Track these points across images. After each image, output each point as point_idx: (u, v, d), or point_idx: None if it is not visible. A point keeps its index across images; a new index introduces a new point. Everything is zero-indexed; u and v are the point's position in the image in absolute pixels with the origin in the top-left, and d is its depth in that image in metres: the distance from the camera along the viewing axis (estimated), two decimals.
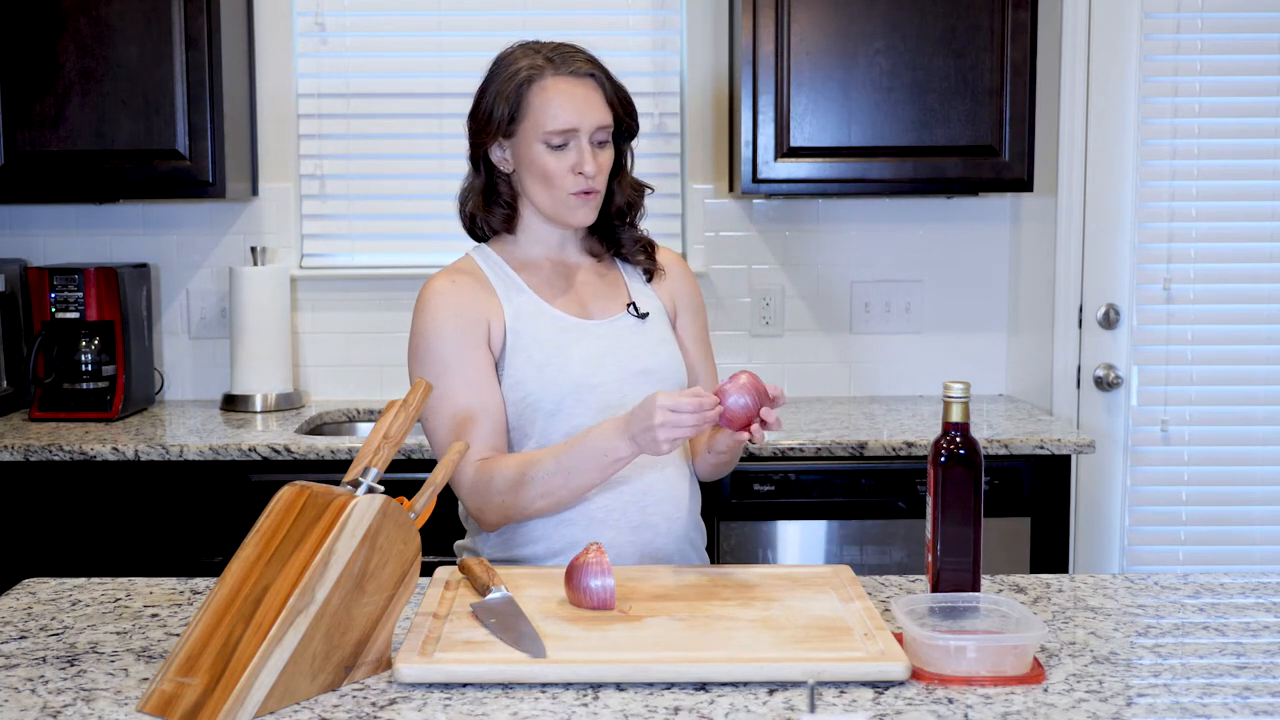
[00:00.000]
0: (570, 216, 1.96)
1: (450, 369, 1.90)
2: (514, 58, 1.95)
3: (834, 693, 1.40)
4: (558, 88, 1.92)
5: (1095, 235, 3.43)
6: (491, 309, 1.95)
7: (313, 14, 3.47)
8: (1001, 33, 3.09)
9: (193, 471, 2.88)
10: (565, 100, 1.91)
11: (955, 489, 1.61)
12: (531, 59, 1.93)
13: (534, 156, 1.93)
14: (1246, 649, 1.55)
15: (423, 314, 1.94)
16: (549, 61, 1.93)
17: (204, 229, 3.48)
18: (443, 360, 1.91)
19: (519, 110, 1.92)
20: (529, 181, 1.95)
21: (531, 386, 1.92)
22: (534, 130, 1.92)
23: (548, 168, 1.92)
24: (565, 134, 1.91)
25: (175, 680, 1.35)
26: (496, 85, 1.94)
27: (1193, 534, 3.47)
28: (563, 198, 1.94)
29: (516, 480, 1.84)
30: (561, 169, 1.92)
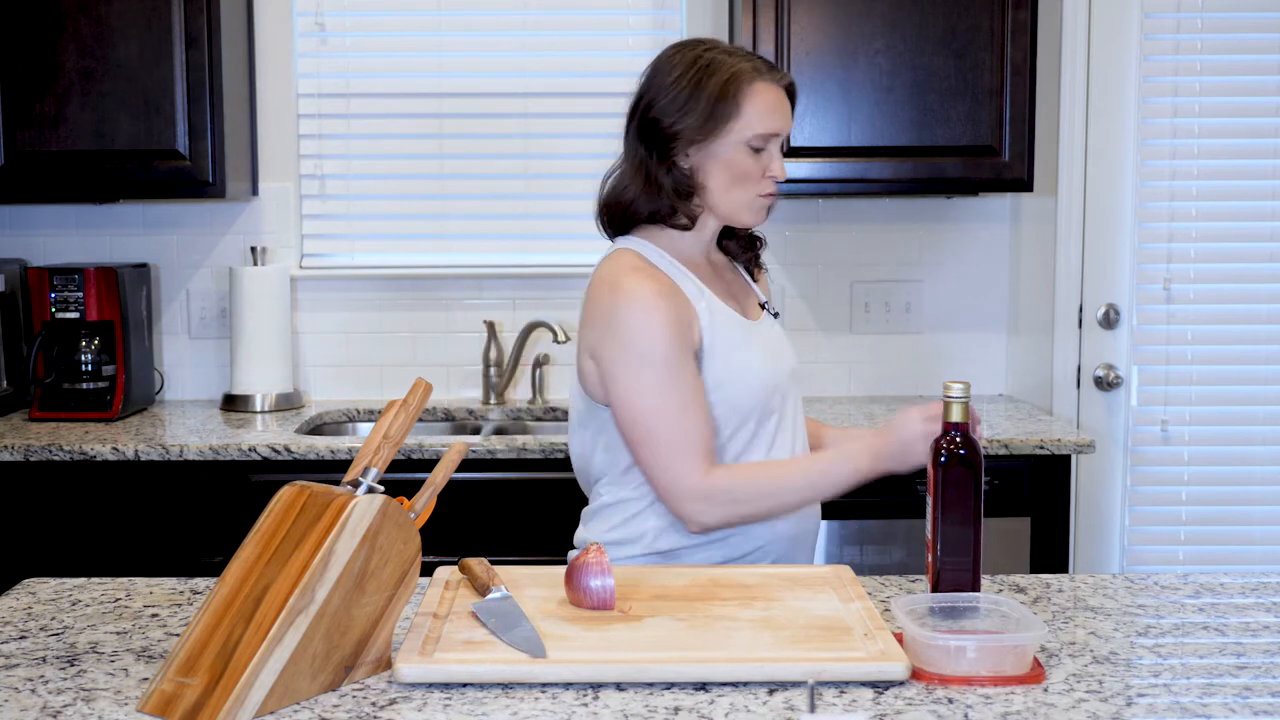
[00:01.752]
0: (753, 217, 1.98)
1: (680, 371, 1.88)
2: (714, 59, 1.93)
3: (834, 693, 1.40)
4: (771, 92, 1.94)
5: (1095, 235, 3.43)
6: (689, 308, 1.93)
7: (313, 14, 3.47)
8: (1001, 33, 3.09)
9: (193, 471, 2.88)
10: (776, 104, 1.94)
11: (955, 489, 1.61)
12: (737, 61, 1.93)
13: (734, 157, 1.92)
14: (1246, 649, 1.55)
15: (646, 316, 1.87)
16: (753, 65, 1.94)
17: (204, 229, 3.48)
18: (666, 366, 1.87)
19: (731, 110, 1.91)
20: (716, 179, 1.94)
21: (730, 390, 1.93)
22: (743, 130, 1.91)
23: (747, 169, 1.93)
24: (770, 138, 1.93)
25: (175, 680, 1.35)
26: (706, 85, 1.91)
27: (1193, 534, 3.47)
28: (751, 199, 1.95)
29: (761, 494, 1.89)
30: (757, 171, 1.94)
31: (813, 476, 1.91)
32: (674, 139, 1.93)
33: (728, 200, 1.95)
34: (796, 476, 1.91)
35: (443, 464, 1.55)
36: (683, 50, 1.97)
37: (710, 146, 1.93)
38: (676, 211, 1.95)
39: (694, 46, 1.97)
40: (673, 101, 1.92)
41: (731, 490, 1.88)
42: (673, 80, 1.93)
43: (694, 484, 1.87)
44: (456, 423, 3.38)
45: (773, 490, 1.90)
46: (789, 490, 1.91)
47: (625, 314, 1.88)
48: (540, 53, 3.49)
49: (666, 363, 1.87)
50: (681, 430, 1.87)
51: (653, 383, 1.87)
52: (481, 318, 3.47)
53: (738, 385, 1.93)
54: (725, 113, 1.91)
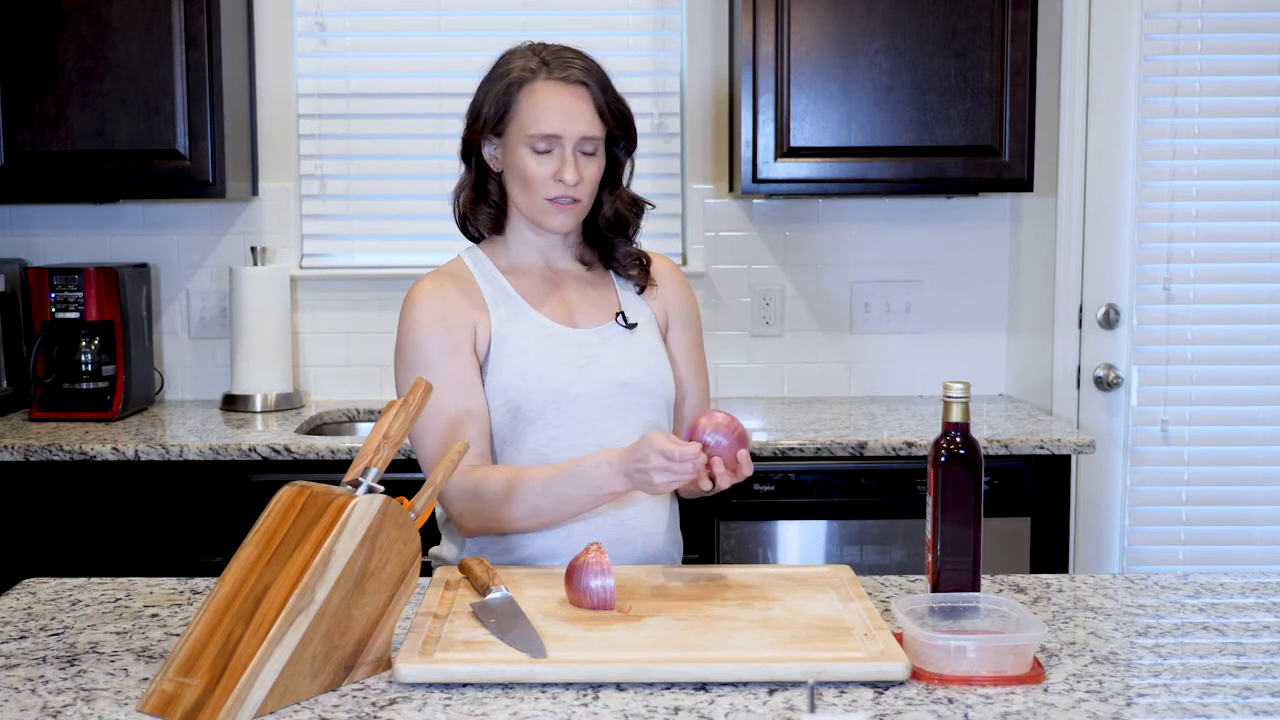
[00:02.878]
0: (547, 221, 1.95)
1: (436, 372, 1.88)
2: (510, 57, 1.96)
3: (834, 693, 1.40)
4: (546, 92, 1.91)
5: (1095, 235, 3.43)
6: (478, 313, 1.94)
7: (313, 14, 3.47)
8: (1001, 33, 3.09)
9: (193, 471, 2.88)
10: (552, 105, 1.91)
11: (955, 489, 1.61)
12: (527, 60, 1.94)
13: (518, 159, 1.93)
14: (1246, 649, 1.55)
15: (408, 316, 1.94)
16: (544, 65, 1.92)
17: (204, 229, 3.48)
18: (428, 363, 1.90)
19: (508, 110, 1.93)
20: (512, 183, 1.96)
21: (513, 393, 1.91)
22: (519, 132, 1.92)
23: (529, 171, 1.92)
24: (548, 139, 1.91)
25: (175, 680, 1.35)
26: (490, 83, 1.96)
27: (1193, 534, 3.47)
28: (539, 202, 1.93)
29: (505, 495, 1.83)
30: (543, 174, 1.92)
31: (552, 481, 1.81)
32: (469, 143, 1.99)
33: (523, 205, 1.96)
34: (541, 486, 1.81)
35: (443, 464, 1.55)
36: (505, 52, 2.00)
37: (502, 148, 1.96)
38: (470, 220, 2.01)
39: (513, 48, 1.99)
40: (471, 105, 1.98)
41: (479, 492, 1.83)
42: (478, 85, 1.99)
43: (452, 484, 1.85)
44: None
45: (518, 496, 1.82)
46: (534, 497, 1.81)
47: (401, 315, 1.96)
48: None
49: (428, 360, 1.90)
50: (434, 430, 1.88)
51: (408, 379, 1.91)
52: None
53: (517, 390, 1.90)
54: (503, 114, 1.93)
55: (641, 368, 1.97)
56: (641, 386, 1.96)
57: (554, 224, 1.95)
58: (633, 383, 1.96)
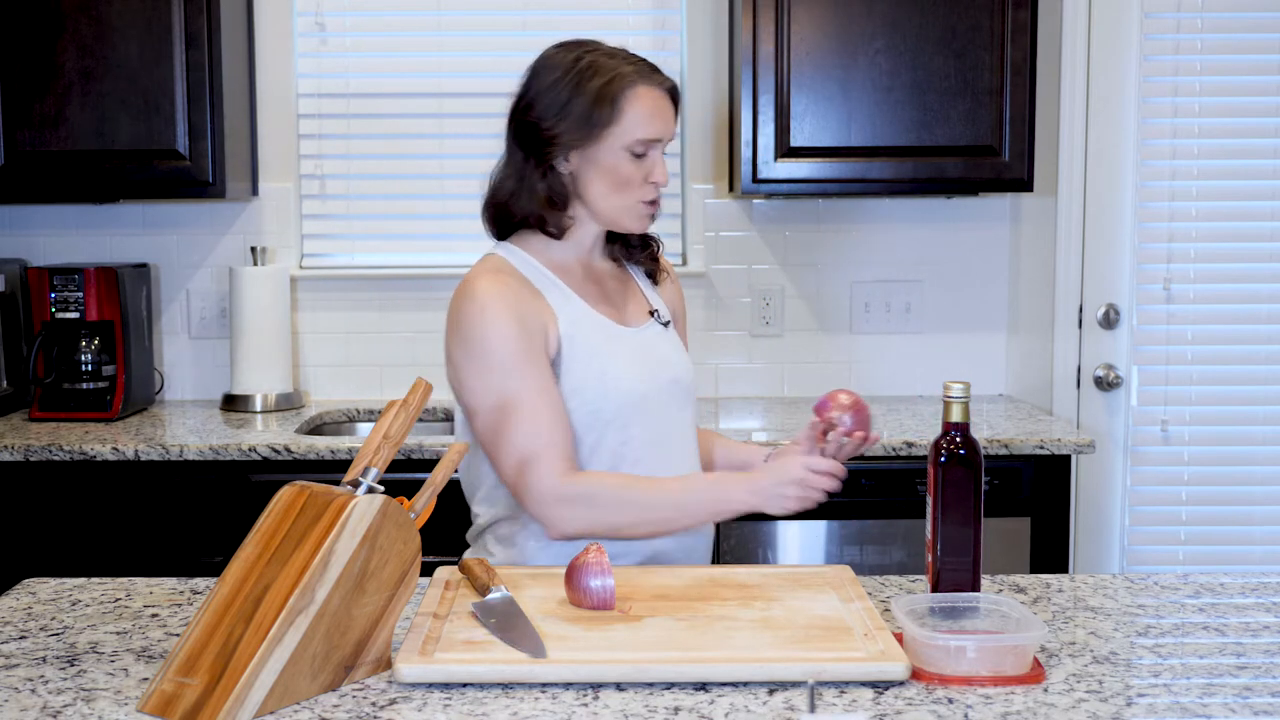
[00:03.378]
0: (635, 223, 1.95)
1: (517, 368, 1.84)
2: (594, 62, 1.90)
3: (834, 693, 1.40)
4: (651, 96, 1.90)
5: (1095, 235, 3.43)
6: (546, 313, 1.90)
7: (313, 14, 3.47)
8: (1001, 33, 3.09)
9: (193, 471, 2.88)
10: (656, 109, 1.90)
11: (955, 489, 1.61)
12: (618, 65, 1.90)
13: (615, 162, 1.89)
14: (1246, 649, 1.55)
15: (481, 315, 1.85)
16: (636, 70, 1.90)
17: (204, 229, 3.48)
18: (510, 368, 1.84)
19: (613, 115, 1.88)
20: (598, 185, 1.91)
21: (591, 395, 1.89)
22: (622, 136, 1.88)
23: (628, 174, 1.90)
24: (650, 143, 1.90)
25: (175, 680, 1.35)
26: (585, 88, 1.88)
27: (1193, 534, 3.47)
28: (632, 204, 1.92)
29: (624, 503, 1.83)
30: (638, 177, 1.91)
31: (680, 498, 1.84)
32: (552, 143, 1.90)
33: (609, 206, 1.93)
34: (662, 495, 1.85)
35: (443, 464, 1.55)
36: (564, 50, 1.94)
37: (590, 151, 1.90)
38: (545, 220, 1.93)
39: (575, 47, 1.94)
40: (551, 104, 1.89)
41: (592, 496, 1.83)
42: (551, 83, 1.90)
43: (550, 486, 1.83)
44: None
45: (635, 503, 1.84)
46: (652, 508, 1.84)
47: (468, 317, 1.87)
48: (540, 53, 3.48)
49: (512, 364, 1.84)
50: (534, 431, 1.83)
51: (498, 385, 1.84)
52: None
53: (595, 391, 1.89)
54: (605, 117, 1.88)
55: (682, 364, 2.02)
56: (684, 382, 2.00)
57: (641, 225, 1.96)
58: (679, 379, 1.99)
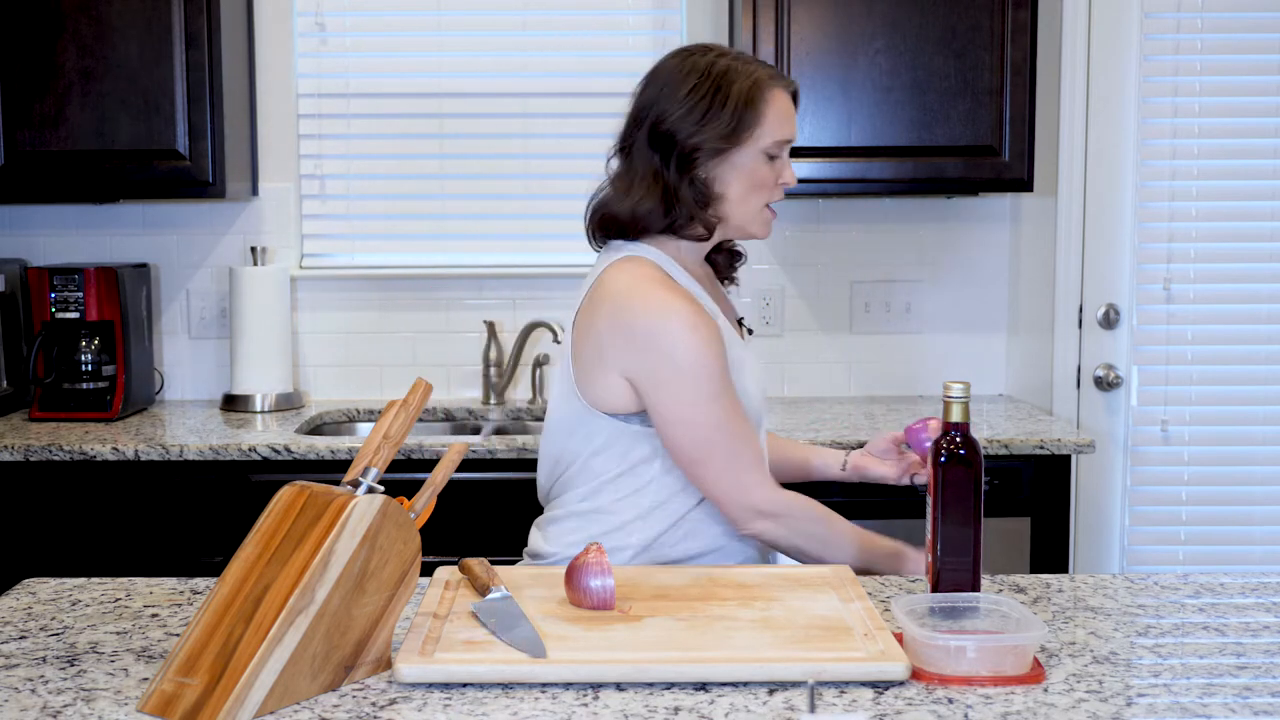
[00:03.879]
0: (761, 229, 1.96)
1: (729, 387, 1.88)
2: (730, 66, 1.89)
3: (834, 693, 1.40)
4: (784, 98, 1.91)
5: (1095, 235, 3.43)
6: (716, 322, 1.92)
7: (313, 14, 3.47)
8: (1001, 33, 3.09)
9: (193, 471, 2.88)
10: (789, 110, 1.92)
11: (955, 489, 1.61)
12: (752, 67, 1.90)
13: (753, 166, 1.90)
14: (1246, 649, 1.55)
15: (689, 333, 1.83)
16: (767, 71, 1.91)
17: (204, 229, 3.48)
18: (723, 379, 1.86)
19: (754, 117, 1.88)
20: (734, 188, 1.91)
21: (751, 403, 1.93)
22: (763, 139, 1.89)
23: (764, 177, 1.91)
24: (784, 144, 1.92)
25: (175, 680, 1.35)
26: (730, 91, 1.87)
27: (1193, 534, 3.47)
28: (758, 209, 1.93)
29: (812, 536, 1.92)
30: (771, 179, 1.92)
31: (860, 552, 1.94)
32: (696, 150, 1.88)
33: (742, 211, 1.92)
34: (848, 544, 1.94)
35: (443, 464, 1.55)
36: (691, 57, 1.92)
37: (732, 157, 1.89)
38: (695, 221, 1.91)
39: (703, 53, 1.92)
40: (690, 112, 1.88)
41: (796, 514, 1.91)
42: (688, 91, 1.88)
43: (765, 496, 1.89)
44: (456, 423, 3.38)
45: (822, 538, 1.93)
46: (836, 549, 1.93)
47: (672, 335, 1.84)
48: (540, 53, 3.49)
49: (718, 378, 1.86)
50: (744, 444, 1.88)
51: (711, 399, 1.85)
52: (481, 318, 3.47)
53: (752, 399, 1.94)
54: (749, 121, 1.88)
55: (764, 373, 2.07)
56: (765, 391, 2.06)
57: (766, 231, 1.97)
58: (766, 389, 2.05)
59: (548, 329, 3.37)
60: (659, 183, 1.90)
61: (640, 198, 1.91)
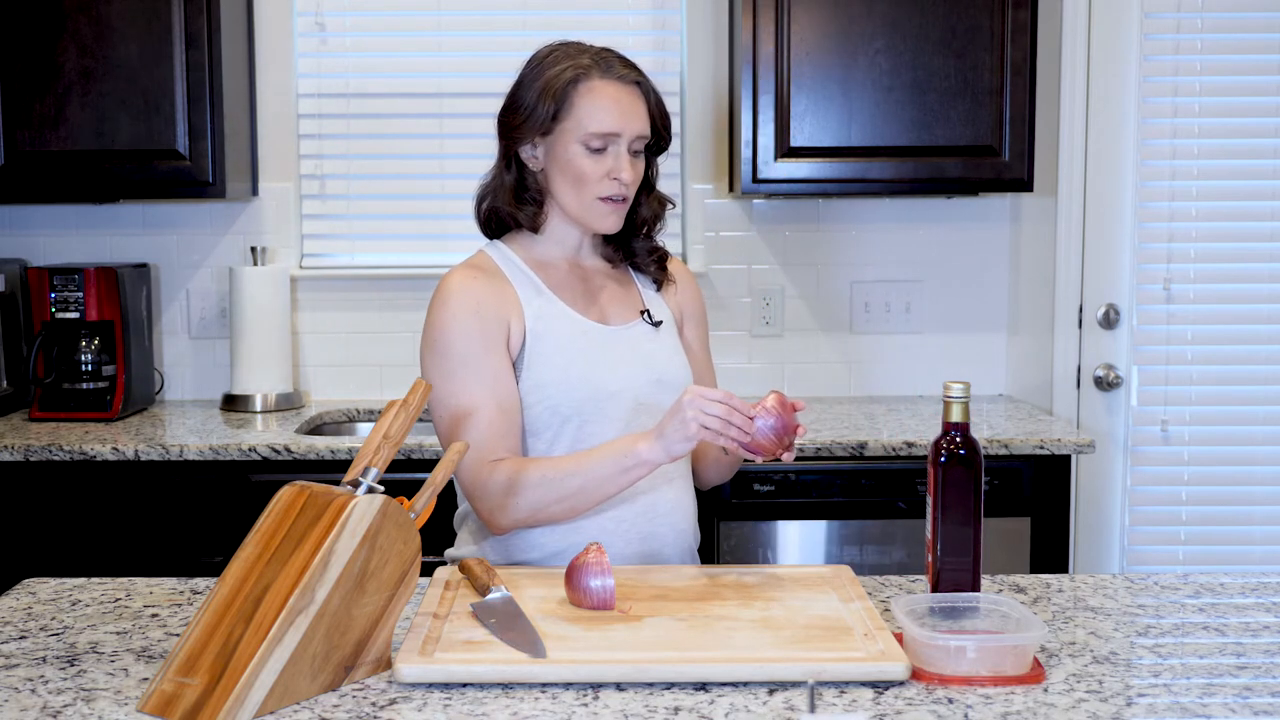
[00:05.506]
0: (597, 222, 1.95)
1: (470, 366, 1.87)
2: (556, 57, 1.93)
3: (834, 693, 1.40)
4: (605, 90, 1.91)
5: (1095, 235, 3.43)
6: (511, 308, 1.92)
7: (313, 14, 3.47)
8: (1001, 33, 3.09)
9: (193, 471, 2.88)
10: (611, 104, 1.90)
11: (955, 489, 1.61)
12: (577, 59, 1.92)
13: (570, 157, 1.91)
14: (1246, 649, 1.55)
15: (442, 309, 1.91)
16: (595, 63, 1.92)
17: (204, 229, 3.48)
18: (462, 357, 1.88)
19: (562, 109, 1.90)
20: (559, 182, 1.93)
21: (551, 390, 1.90)
22: (575, 130, 1.90)
23: (583, 170, 1.91)
24: (606, 138, 1.90)
25: (175, 680, 1.35)
26: (539, 81, 1.91)
27: (1193, 534, 3.47)
28: (591, 202, 1.93)
29: (540, 482, 1.81)
30: (597, 172, 1.91)
31: (582, 461, 1.81)
32: (516, 139, 1.94)
33: (570, 203, 1.94)
34: (568, 464, 1.82)
35: (443, 464, 1.55)
36: (545, 48, 1.97)
37: (549, 147, 1.93)
38: (515, 215, 1.96)
39: (553, 46, 1.96)
40: (515, 99, 1.94)
41: (515, 482, 1.82)
42: (520, 79, 1.95)
43: (481, 479, 1.84)
44: None
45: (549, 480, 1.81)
46: (564, 477, 1.80)
47: (431, 310, 1.93)
48: None
49: (458, 356, 1.87)
50: (470, 425, 1.85)
51: (443, 376, 1.88)
52: None
53: (557, 388, 1.90)
54: (556, 111, 1.90)
55: (670, 365, 2.00)
56: (672, 383, 1.97)
57: (605, 224, 1.95)
58: (663, 380, 1.97)
59: None
60: (497, 169, 1.99)
61: (485, 185, 2.01)
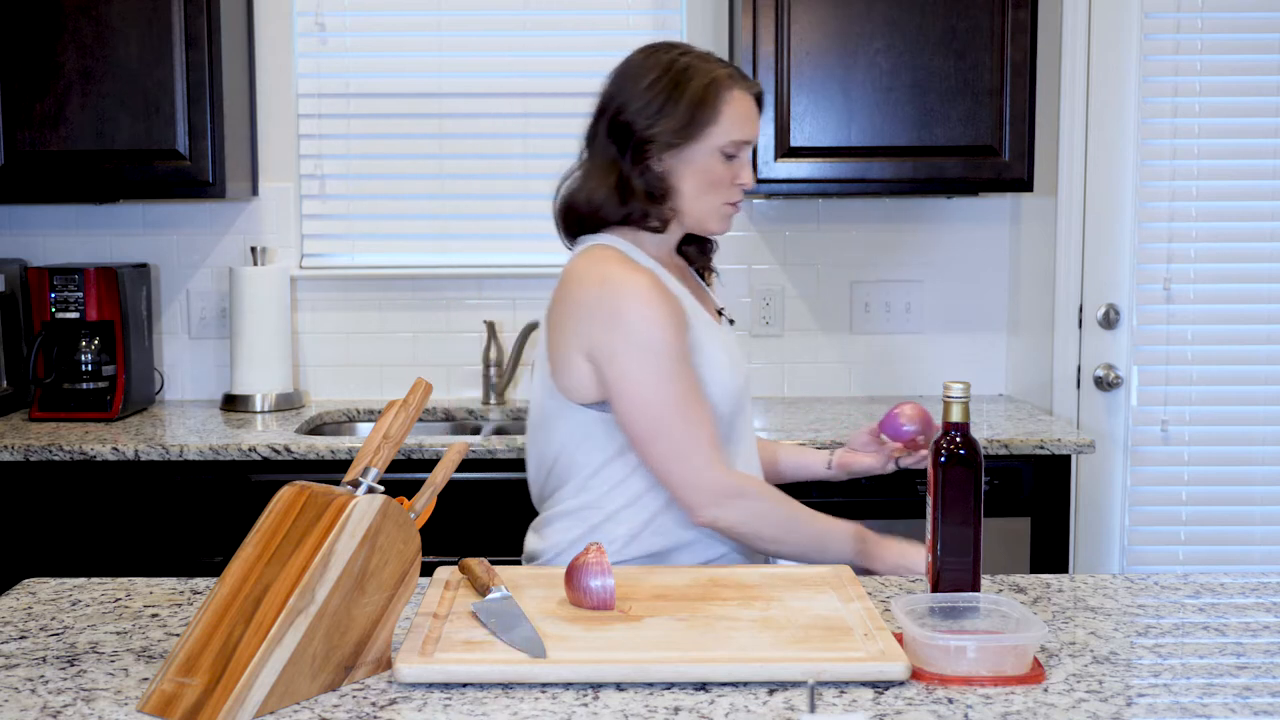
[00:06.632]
0: (717, 224, 1.98)
1: (685, 365, 1.88)
2: (691, 65, 1.93)
3: (834, 693, 1.40)
4: (744, 100, 1.94)
5: (1095, 235, 3.43)
6: (679, 301, 1.93)
7: (313, 14, 3.47)
8: (1001, 33, 3.09)
9: (193, 471, 2.88)
10: (749, 113, 1.95)
11: (955, 489, 1.61)
12: (713, 68, 1.93)
13: (707, 163, 1.92)
14: (1246, 649, 1.55)
15: (645, 307, 1.86)
16: (731, 73, 1.94)
17: (204, 229, 3.48)
18: (677, 356, 1.87)
19: (708, 116, 1.91)
20: (689, 185, 1.93)
21: (714, 389, 1.93)
22: (718, 137, 1.92)
23: (718, 176, 1.93)
24: (742, 145, 1.93)
25: (175, 680, 1.35)
26: (684, 90, 1.90)
27: (1193, 534, 3.47)
28: (717, 206, 1.96)
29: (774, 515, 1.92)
30: (727, 178, 1.94)
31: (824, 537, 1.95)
32: (649, 143, 1.92)
33: (697, 206, 1.95)
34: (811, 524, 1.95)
35: (443, 464, 1.55)
36: (655, 53, 1.96)
37: (685, 152, 1.93)
38: (649, 215, 1.95)
39: (667, 50, 1.96)
40: (648, 105, 1.92)
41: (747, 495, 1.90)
42: (647, 84, 1.93)
43: (714, 478, 1.88)
44: (456, 423, 3.38)
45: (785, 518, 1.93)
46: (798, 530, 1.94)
47: (627, 307, 1.86)
48: (540, 53, 3.49)
49: (675, 355, 1.87)
50: (696, 423, 1.87)
51: (665, 376, 1.86)
52: (481, 318, 3.47)
53: (714, 387, 1.93)
54: (703, 118, 1.91)
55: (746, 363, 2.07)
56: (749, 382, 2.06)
57: (723, 226, 1.99)
58: (749, 378, 2.05)
59: None
60: (614, 172, 1.95)
61: (595, 186, 1.96)
